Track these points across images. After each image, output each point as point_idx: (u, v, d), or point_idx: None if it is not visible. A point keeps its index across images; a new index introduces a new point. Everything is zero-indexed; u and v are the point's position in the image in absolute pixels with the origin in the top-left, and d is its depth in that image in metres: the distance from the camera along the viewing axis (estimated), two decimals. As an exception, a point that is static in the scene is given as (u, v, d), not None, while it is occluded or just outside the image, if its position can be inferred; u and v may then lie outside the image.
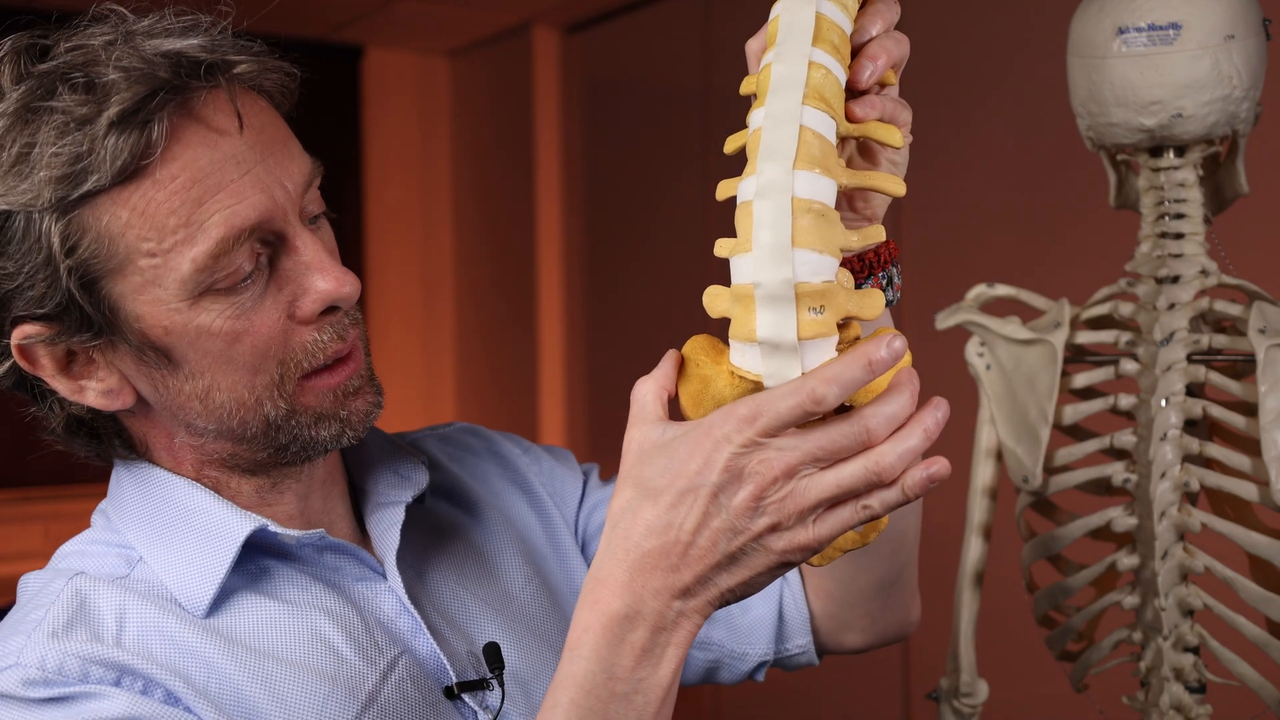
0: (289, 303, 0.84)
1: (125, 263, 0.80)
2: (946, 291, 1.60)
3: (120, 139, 0.77)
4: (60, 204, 0.78)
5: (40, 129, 0.78)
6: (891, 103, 0.79)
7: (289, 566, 0.90)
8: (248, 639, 0.85)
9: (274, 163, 0.83)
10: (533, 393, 4.00)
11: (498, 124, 4.18)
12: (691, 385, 0.75)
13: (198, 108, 0.80)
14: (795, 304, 0.69)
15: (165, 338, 0.82)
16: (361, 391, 0.89)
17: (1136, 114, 1.26)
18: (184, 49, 0.81)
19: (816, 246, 0.70)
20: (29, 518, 3.55)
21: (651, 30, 3.60)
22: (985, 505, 1.42)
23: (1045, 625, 1.40)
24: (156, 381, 0.84)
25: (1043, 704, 2.17)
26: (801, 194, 0.70)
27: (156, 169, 0.78)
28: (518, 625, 0.99)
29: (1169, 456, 1.26)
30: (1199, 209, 1.30)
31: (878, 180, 0.76)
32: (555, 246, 4.00)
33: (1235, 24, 1.23)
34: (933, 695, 1.46)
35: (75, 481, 3.60)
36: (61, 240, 0.79)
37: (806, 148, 0.71)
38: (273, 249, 0.84)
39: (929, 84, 2.73)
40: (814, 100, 0.73)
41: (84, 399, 0.85)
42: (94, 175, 0.77)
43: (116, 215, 0.79)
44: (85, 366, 0.85)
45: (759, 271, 0.70)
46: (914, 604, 1.09)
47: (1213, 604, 1.26)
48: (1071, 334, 1.34)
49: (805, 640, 1.07)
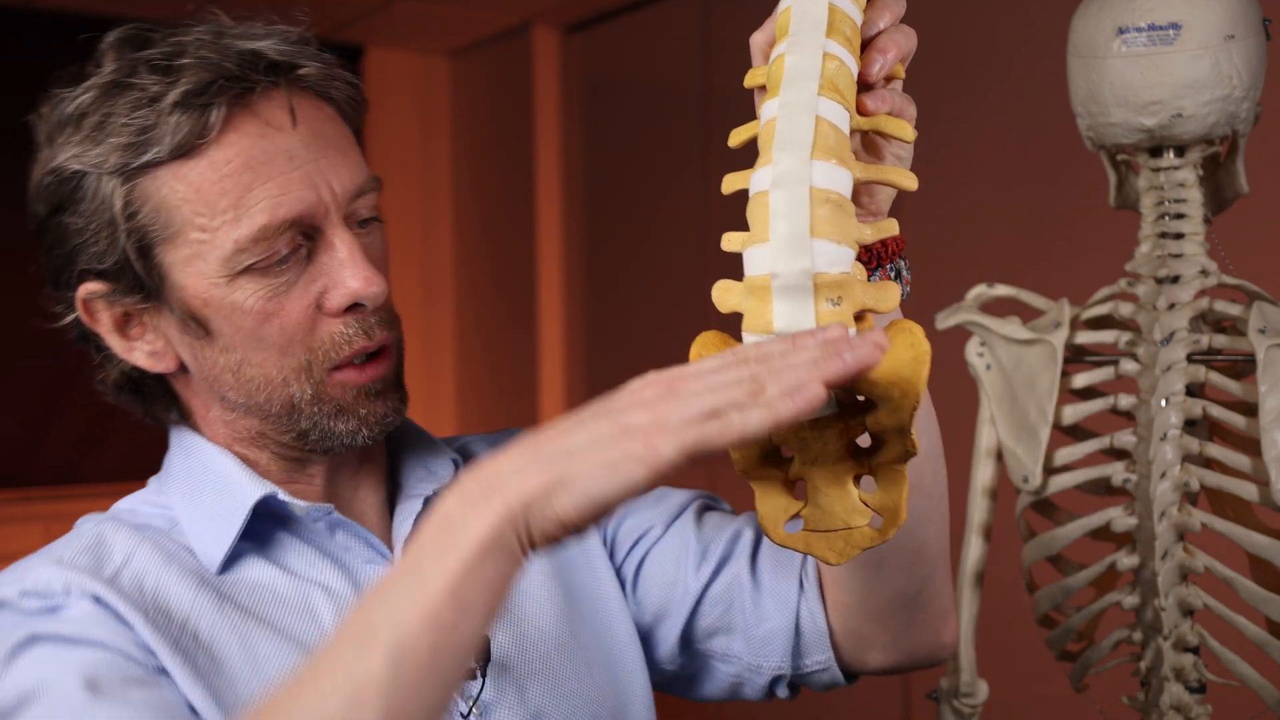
0: (319, 294, 0.90)
1: (177, 234, 0.88)
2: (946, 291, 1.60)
3: (181, 117, 0.85)
4: (123, 169, 0.86)
5: (119, 102, 0.87)
6: (902, 98, 0.79)
7: (301, 541, 0.95)
8: (245, 598, 0.90)
9: (326, 163, 0.89)
10: (533, 393, 4.00)
11: (498, 124, 4.18)
12: None
13: (255, 101, 0.88)
14: (814, 295, 0.68)
15: (204, 309, 0.89)
16: (384, 395, 0.94)
17: (1136, 114, 1.26)
18: (258, 48, 0.89)
19: (834, 237, 0.69)
20: (29, 518, 3.55)
21: (651, 30, 3.60)
22: (985, 505, 1.42)
23: (1045, 625, 1.40)
24: (196, 351, 0.91)
25: (1043, 704, 2.17)
26: (819, 184, 0.69)
27: (212, 150, 0.86)
28: (524, 625, 1.00)
29: (1169, 456, 1.26)
30: (1199, 209, 1.30)
31: (891, 174, 0.75)
32: (555, 246, 3.99)
33: (1235, 24, 1.23)
34: (933, 695, 1.46)
35: (76, 481, 3.61)
36: (124, 204, 0.87)
37: (823, 138, 0.71)
38: (313, 242, 0.90)
39: (929, 83, 2.73)
40: (829, 91, 0.72)
41: (133, 358, 0.93)
42: (155, 148, 0.85)
43: (174, 189, 0.87)
44: (137, 329, 0.93)
45: (776, 262, 0.69)
46: (944, 627, 1.03)
47: (1213, 604, 1.26)
48: (1071, 334, 1.34)
49: (825, 656, 1.03)
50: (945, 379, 0.99)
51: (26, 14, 3.53)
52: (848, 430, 0.75)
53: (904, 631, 1.01)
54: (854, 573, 0.98)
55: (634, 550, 1.08)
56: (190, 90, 0.85)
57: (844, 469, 0.75)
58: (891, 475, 0.74)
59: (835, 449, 0.75)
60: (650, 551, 1.07)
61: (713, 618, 1.05)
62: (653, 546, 1.07)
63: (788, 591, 1.03)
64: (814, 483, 0.76)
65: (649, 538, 1.08)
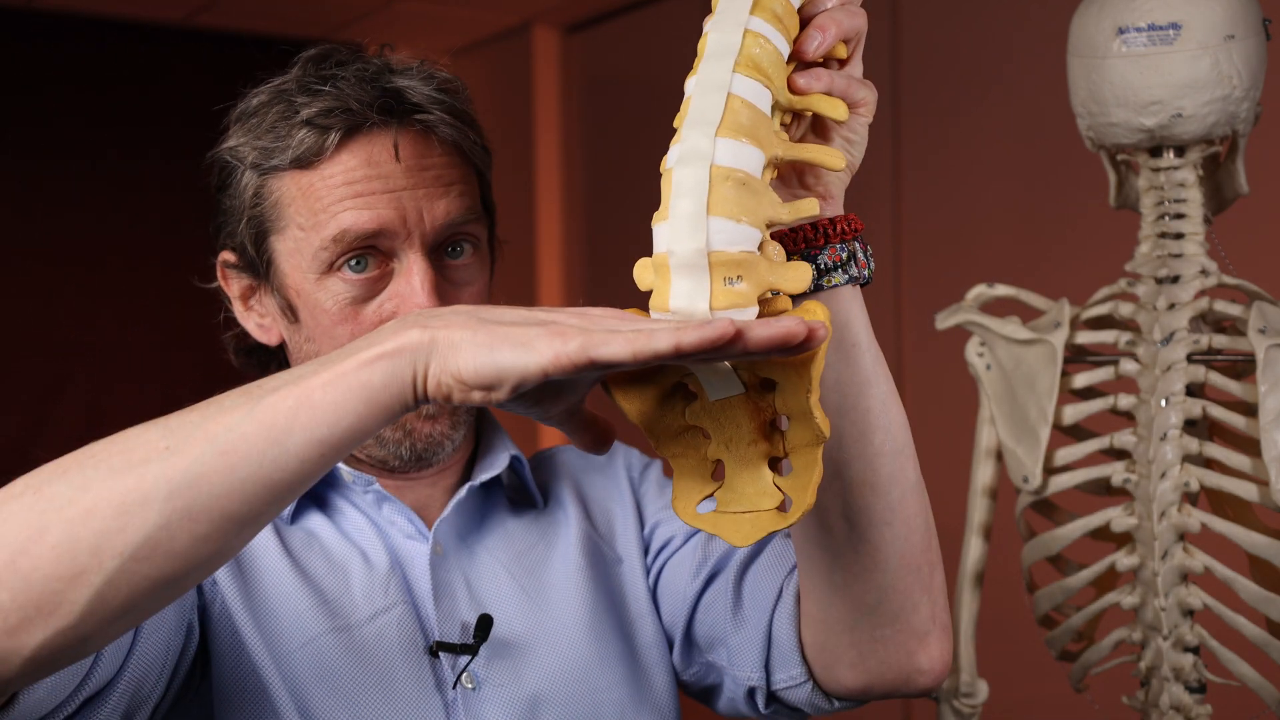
0: (390, 313, 0.99)
1: (285, 228, 1.01)
2: (946, 291, 1.61)
3: (305, 133, 0.99)
4: (258, 166, 1.01)
5: (274, 109, 1.01)
6: (844, 79, 0.78)
7: (353, 508, 1.05)
8: (295, 542, 1.02)
9: (421, 195, 0.99)
10: (533, 393, 4.00)
11: (498, 124, 4.18)
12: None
13: (366, 133, 0.99)
14: (709, 273, 0.68)
15: (296, 298, 1.02)
16: (435, 420, 1.04)
17: (1136, 114, 1.26)
18: (401, 87, 1.01)
19: (734, 215, 0.68)
20: (29, 518, 3.54)
21: (651, 30, 3.60)
22: (985, 505, 1.42)
23: (1045, 625, 1.40)
24: (290, 333, 1.05)
25: (1043, 704, 2.17)
26: (722, 162, 0.69)
27: (323, 166, 0.99)
28: (544, 612, 1.05)
29: (1169, 456, 1.26)
30: (1199, 209, 1.30)
31: (814, 153, 0.74)
32: (555, 246, 4.00)
33: (1235, 24, 1.23)
34: (933, 695, 1.46)
35: (75, 481, 3.60)
36: (253, 195, 1.02)
37: (733, 115, 0.70)
38: (396, 262, 1.00)
39: (929, 84, 2.73)
40: (746, 68, 0.71)
41: (248, 325, 1.08)
42: (281, 155, 1.00)
43: (289, 191, 1.00)
44: (256, 301, 1.07)
45: (674, 240, 0.68)
46: (921, 650, 0.93)
47: (1212, 604, 1.26)
48: (1071, 334, 1.34)
49: (798, 671, 1.00)
50: (945, 379, 0.98)
51: (26, 14, 3.53)
52: (759, 411, 0.74)
53: (869, 647, 0.94)
54: (813, 580, 0.94)
55: (657, 559, 1.12)
56: (318, 112, 0.99)
57: (757, 451, 0.74)
58: (804, 459, 0.73)
59: (747, 430, 0.74)
60: (669, 561, 1.11)
61: (706, 627, 1.06)
62: (671, 556, 1.11)
63: (764, 601, 1.02)
64: (728, 463, 0.75)
65: (670, 547, 1.11)
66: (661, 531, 1.13)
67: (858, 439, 0.87)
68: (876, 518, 0.88)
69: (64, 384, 3.57)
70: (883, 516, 0.89)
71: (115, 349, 3.51)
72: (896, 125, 2.80)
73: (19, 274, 3.50)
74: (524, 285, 4.03)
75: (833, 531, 0.90)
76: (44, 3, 3.48)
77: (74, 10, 3.49)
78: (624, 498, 1.16)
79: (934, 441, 2.62)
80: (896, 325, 2.82)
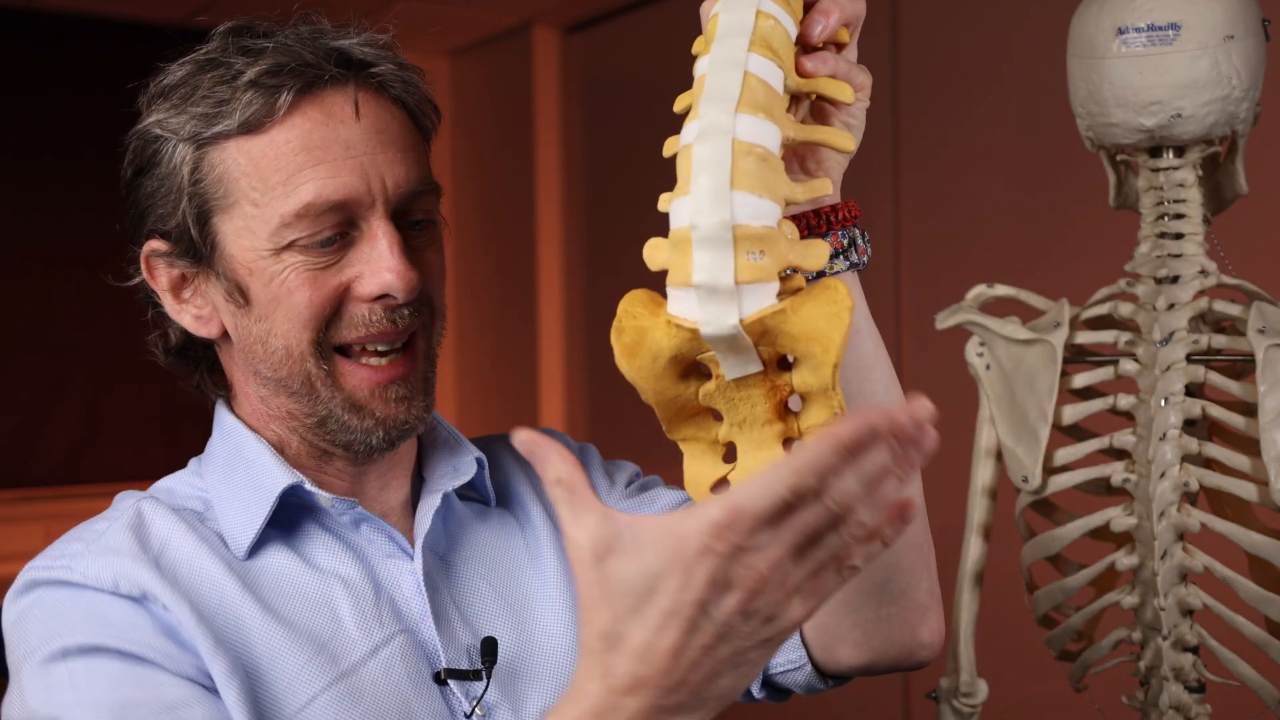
0: (352, 279, 0.93)
1: (233, 205, 0.92)
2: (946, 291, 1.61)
3: (253, 94, 0.90)
4: (196, 138, 0.92)
5: (206, 76, 0.93)
6: (845, 63, 0.79)
7: (325, 532, 0.97)
8: (265, 588, 0.94)
9: (382, 158, 0.93)
10: (533, 392, 4.00)
11: (498, 124, 4.18)
12: (626, 337, 0.72)
13: (323, 92, 0.92)
14: (733, 247, 0.67)
15: (248, 278, 0.93)
16: (407, 401, 0.96)
17: (1136, 114, 1.26)
18: (340, 45, 0.94)
19: (756, 190, 0.68)
20: (29, 518, 3.55)
21: (651, 30, 3.59)
22: (985, 505, 1.42)
23: (1045, 625, 1.40)
24: (236, 319, 0.95)
25: (1043, 704, 2.17)
26: (743, 137, 0.69)
27: (274, 130, 0.91)
28: (529, 627, 1.00)
29: (1168, 456, 1.26)
30: (1198, 209, 1.30)
31: (825, 134, 0.75)
32: (555, 246, 3.99)
33: (1235, 24, 1.23)
34: (933, 695, 1.46)
35: (76, 481, 3.61)
36: (191, 169, 0.92)
37: (750, 93, 0.70)
38: (358, 231, 0.93)
39: (929, 84, 2.73)
40: (760, 48, 0.72)
41: (182, 320, 0.98)
42: (225, 120, 0.91)
43: (237, 161, 0.91)
44: (189, 292, 0.97)
45: (697, 214, 0.68)
46: (922, 624, 0.97)
47: (1212, 604, 1.26)
48: (1071, 334, 1.34)
49: (797, 655, 1.00)
50: (945, 379, 0.98)
51: (26, 14, 3.53)
52: (775, 390, 0.73)
53: (874, 626, 0.96)
54: None
55: None
56: (265, 71, 0.90)
57: (771, 431, 0.74)
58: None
59: (762, 410, 0.73)
60: None
61: None
62: None
63: None
64: (741, 445, 0.75)
65: None
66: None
67: None
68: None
69: (64, 384, 3.57)
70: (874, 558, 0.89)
71: (115, 349, 3.51)
72: (896, 125, 2.80)
73: (19, 274, 3.50)
74: (524, 285, 4.03)
75: None
76: (44, 3, 3.48)
77: (74, 10, 3.49)
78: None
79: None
80: (896, 325, 2.82)
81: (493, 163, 4.23)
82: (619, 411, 3.75)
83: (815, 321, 0.68)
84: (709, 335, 0.69)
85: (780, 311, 0.68)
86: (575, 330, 3.98)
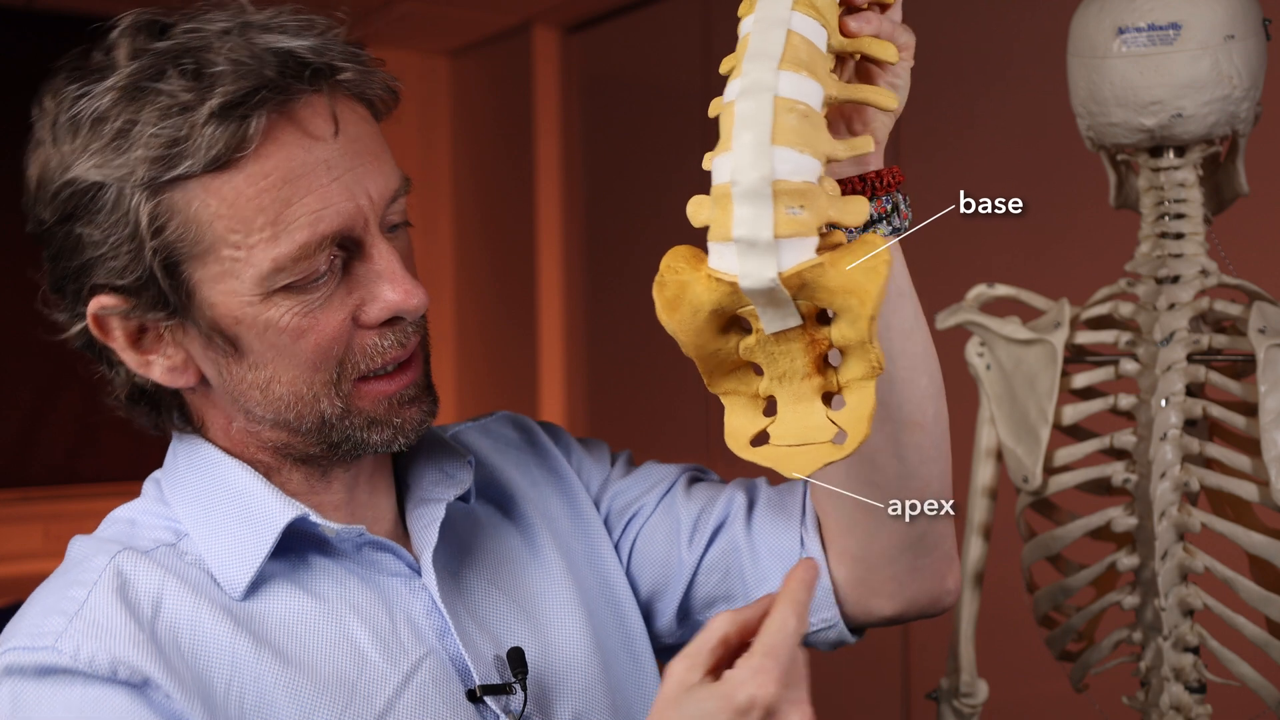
0: (356, 306, 0.86)
1: (209, 250, 0.82)
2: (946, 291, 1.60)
3: (217, 129, 0.79)
4: (151, 183, 0.80)
5: (144, 108, 0.80)
6: (890, 23, 0.80)
7: (326, 558, 0.91)
8: (277, 634, 0.86)
9: (363, 171, 0.84)
10: (533, 392, 4.00)
11: (498, 124, 4.18)
12: (667, 291, 0.73)
13: (297, 110, 0.82)
14: (773, 201, 0.68)
15: (235, 327, 0.84)
16: (417, 401, 0.91)
17: (1136, 114, 1.26)
18: (294, 49, 0.82)
19: (797, 145, 0.69)
20: (29, 518, 3.55)
21: (651, 30, 3.59)
22: (985, 505, 1.42)
23: (1045, 625, 1.40)
24: (221, 367, 0.86)
25: (1043, 704, 2.17)
26: (785, 93, 0.69)
27: (248, 164, 0.80)
28: (545, 630, 0.98)
29: (1169, 456, 1.26)
30: (1199, 209, 1.30)
31: (868, 93, 0.75)
32: (555, 246, 3.99)
33: (1235, 24, 1.23)
34: (933, 695, 1.46)
35: (76, 481, 3.60)
36: (150, 219, 0.81)
37: (793, 50, 0.71)
38: (349, 253, 0.85)
39: (929, 84, 2.72)
40: (804, 6, 0.73)
41: (150, 373, 0.88)
42: (187, 160, 0.79)
43: (206, 203, 0.81)
44: (154, 343, 0.87)
45: (738, 169, 0.69)
46: (949, 573, 1.02)
47: (1213, 604, 1.26)
48: (1071, 334, 1.34)
49: (831, 614, 1.02)
50: (946, 379, 0.98)
51: (26, 14, 3.53)
52: (814, 345, 0.74)
53: (909, 577, 1.00)
54: (859, 517, 0.97)
55: (627, 529, 1.07)
56: (228, 102, 0.79)
57: (811, 385, 0.75)
58: (859, 392, 0.74)
59: (801, 364, 0.75)
60: (642, 529, 1.06)
61: (709, 587, 1.04)
62: (645, 524, 1.06)
63: (787, 549, 1.02)
64: (781, 398, 0.76)
65: (641, 515, 1.06)
66: (624, 501, 1.07)
67: (908, 381, 0.92)
68: (926, 454, 0.95)
69: (63, 384, 3.57)
70: (930, 454, 0.95)
71: (115, 349, 3.50)
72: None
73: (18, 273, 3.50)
74: (524, 284, 4.03)
75: (884, 470, 0.94)
76: (44, 3, 3.47)
77: (74, 10, 3.49)
78: (562, 474, 1.09)
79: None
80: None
81: (493, 163, 4.23)
82: (619, 411, 3.75)
83: (853, 275, 0.69)
84: (748, 288, 0.70)
85: (818, 265, 0.69)
86: (575, 330, 3.98)
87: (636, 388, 3.67)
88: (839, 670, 3.07)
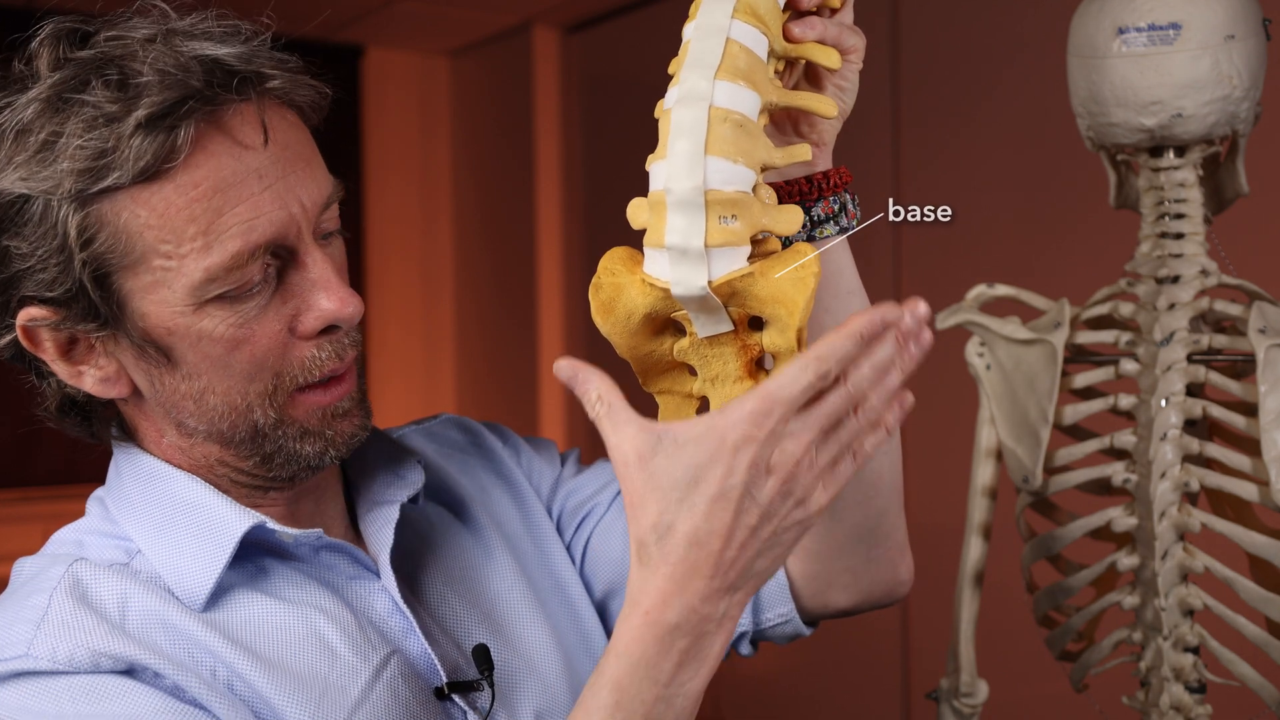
0: (291, 316, 0.85)
1: (139, 261, 0.81)
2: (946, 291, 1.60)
3: (145, 141, 0.77)
4: (79, 195, 0.79)
5: (69, 119, 0.79)
6: (836, 27, 0.79)
7: (285, 565, 0.90)
8: (245, 637, 0.86)
9: (295, 179, 0.83)
10: (533, 392, 4.00)
11: (498, 124, 4.18)
12: (603, 294, 0.75)
13: (225, 119, 0.81)
14: (705, 211, 0.69)
15: (167, 338, 0.83)
16: (350, 414, 0.89)
17: (1136, 114, 1.26)
18: (221, 56, 0.81)
19: (731, 155, 0.70)
20: (29, 518, 3.55)
21: (651, 30, 3.59)
22: (985, 505, 1.42)
23: (1045, 625, 1.40)
24: (154, 378, 0.85)
25: (1043, 704, 2.17)
26: (721, 103, 0.70)
27: (178, 174, 0.79)
28: (504, 630, 0.98)
29: (1169, 456, 1.26)
30: (1199, 209, 1.30)
31: (808, 100, 0.76)
32: (555, 246, 3.99)
33: (1235, 24, 1.23)
34: (933, 695, 1.46)
35: (76, 481, 3.60)
36: (78, 231, 0.79)
37: (731, 59, 0.72)
38: (282, 262, 0.84)
39: (929, 84, 2.73)
40: (744, 15, 0.73)
41: (81, 384, 0.87)
42: (115, 172, 0.78)
43: (135, 214, 0.79)
44: (86, 353, 0.86)
45: (672, 178, 0.70)
46: (902, 561, 1.02)
47: (1213, 604, 1.26)
48: (1071, 334, 1.34)
49: (786, 609, 1.01)
50: (945, 379, 0.99)
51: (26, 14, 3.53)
52: (746, 349, 0.76)
53: (863, 568, 1.00)
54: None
55: (580, 529, 1.06)
56: (155, 113, 0.77)
57: (743, 388, 0.77)
58: None
59: (734, 367, 0.76)
60: (596, 529, 1.05)
61: None
62: (598, 524, 1.05)
63: None
64: (714, 399, 0.78)
65: (594, 515, 1.06)
66: (578, 500, 1.06)
67: None
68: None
69: (63, 384, 3.56)
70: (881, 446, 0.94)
71: (115, 349, 3.50)
72: (896, 125, 2.80)
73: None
74: (524, 284, 4.03)
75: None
76: (44, 3, 3.47)
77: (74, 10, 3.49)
78: (510, 476, 1.08)
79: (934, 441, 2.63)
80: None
81: (493, 163, 4.23)
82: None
83: (781, 285, 0.71)
84: (680, 295, 0.72)
85: (749, 275, 0.71)
86: (575, 329, 3.98)
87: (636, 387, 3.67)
88: (839, 670, 3.07)
